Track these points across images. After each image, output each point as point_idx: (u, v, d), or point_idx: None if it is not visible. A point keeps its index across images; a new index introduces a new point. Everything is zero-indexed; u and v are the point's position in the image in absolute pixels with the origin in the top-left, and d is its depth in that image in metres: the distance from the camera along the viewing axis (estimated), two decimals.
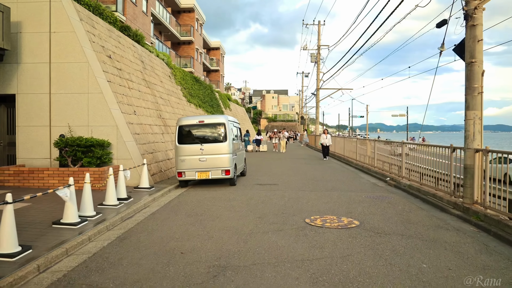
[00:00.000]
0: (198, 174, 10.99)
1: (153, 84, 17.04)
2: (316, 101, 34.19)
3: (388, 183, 11.85)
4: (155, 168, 12.67)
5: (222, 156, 10.97)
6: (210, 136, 11.30)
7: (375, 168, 14.23)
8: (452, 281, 4.23)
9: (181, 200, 9.26)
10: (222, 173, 10.95)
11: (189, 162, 10.99)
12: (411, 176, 10.91)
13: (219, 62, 55.08)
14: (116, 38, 14.44)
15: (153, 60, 19.04)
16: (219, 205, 8.51)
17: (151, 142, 13.43)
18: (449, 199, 8.20)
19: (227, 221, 7.03)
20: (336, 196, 9.53)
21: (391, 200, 8.98)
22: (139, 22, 23.07)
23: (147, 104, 14.98)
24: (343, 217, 7.18)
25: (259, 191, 10.30)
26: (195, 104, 24.81)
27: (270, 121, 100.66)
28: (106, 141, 10.71)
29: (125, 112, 12.11)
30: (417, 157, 10.68)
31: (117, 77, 12.81)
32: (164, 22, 31.95)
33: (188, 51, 38.59)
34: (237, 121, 13.68)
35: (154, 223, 7.05)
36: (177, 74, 22.84)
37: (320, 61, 33.91)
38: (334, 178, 13.16)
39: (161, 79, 19.08)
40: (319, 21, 33.57)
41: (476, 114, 7.43)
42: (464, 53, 7.84)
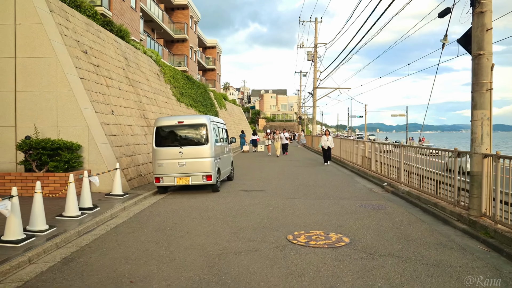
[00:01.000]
0: (177, 179, 10.04)
1: (137, 82, 16.09)
2: (313, 100, 33.25)
3: (385, 189, 10.90)
4: (134, 172, 11.71)
5: (203, 160, 10.03)
6: (190, 138, 10.36)
7: (372, 172, 13.28)
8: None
9: (154, 210, 8.31)
10: (203, 179, 10.00)
11: (167, 166, 10.04)
12: (410, 182, 9.96)
13: (216, 61, 54.14)
14: (95, 32, 13.49)
15: (139, 57, 18.09)
16: (194, 216, 7.57)
17: (131, 144, 12.48)
18: (452, 210, 7.26)
19: (197, 237, 6.09)
20: (327, 205, 8.58)
21: (388, 210, 8.03)
22: (126, 17, 22.13)
23: (129, 103, 14.03)
24: (331, 233, 6.23)
25: (242, 199, 9.36)
26: (186, 103, 23.87)
27: (269, 121, 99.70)
28: (75, 143, 9.75)
29: (100, 112, 11.16)
30: (417, 158, 9.74)
31: (93, 74, 11.86)
32: (156, 19, 31.00)
33: (182, 49, 37.64)
34: (223, 122, 12.73)
35: (114, 239, 6.10)
36: (167, 72, 21.89)
37: (317, 60, 32.97)
38: (328, 183, 12.21)
39: (148, 77, 18.13)
40: (316, 18, 32.64)
41: (485, 113, 6.49)
42: (470, 45, 6.90)
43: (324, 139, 18.87)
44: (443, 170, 8.07)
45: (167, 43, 37.39)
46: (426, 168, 9.10)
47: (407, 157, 10.56)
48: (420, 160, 9.47)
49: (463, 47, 7.27)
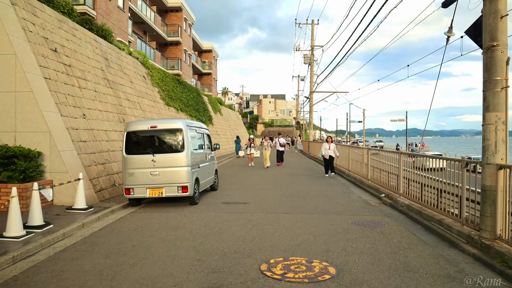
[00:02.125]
0: (149, 191, 8.95)
1: (118, 84, 15.05)
2: (310, 104, 32.23)
3: (382, 201, 9.82)
4: (106, 182, 10.63)
5: (179, 170, 8.95)
6: (164, 145, 9.29)
7: (369, 181, 12.20)
8: None
9: (116, 228, 7.22)
10: (178, 190, 8.92)
11: (139, 176, 8.97)
12: (410, 192, 8.86)
13: (212, 65, 53.24)
14: (69, 30, 12.47)
15: (123, 58, 17.07)
16: (158, 236, 6.48)
17: (104, 151, 11.41)
18: (460, 229, 6.18)
19: (152, 266, 5.01)
20: (315, 221, 7.49)
21: (385, 229, 6.95)
22: (113, 18, 21.15)
23: (106, 106, 12.98)
24: (315, 261, 5.14)
25: (220, 214, 8.27)
26: (176, 107, 22.83)
27: (267, 126, 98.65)
28: (34, 150, 8.69)
29: (67, 116, 10.11)
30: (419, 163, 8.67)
31: (62, 74, 10.82)
32: (148, 21, 30.04)
33: (176, 53, 36.66)
34: (205, 127, 11.64)
35: (51, 268, 5.02)
36: (154, 74, 20.87)
37: (314, 63, 31.98)
38: (320, 193, 11.12)
39: (132, 79, 17.10)
40: (312, 20, 31.71)
41: (499, 116, 5.44)
42: (480, 36, 5.87)
43: (325, 147, 15.80)
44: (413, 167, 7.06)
45: (160, 46, 36.44)
46: (427, 176, 8.04)
47: (407, 163, 9.49)
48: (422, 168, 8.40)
49: (472, 38, 6.24)
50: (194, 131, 9.90)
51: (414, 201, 8.51)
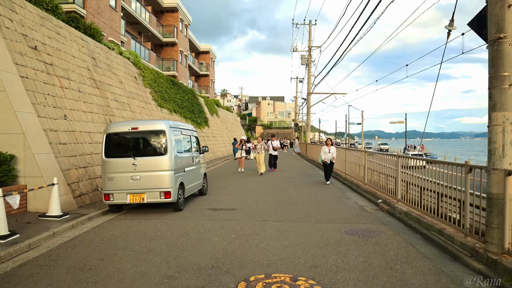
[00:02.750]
0: (130, 196, 8.37)
1: (106, 84, 14.49)
2: (307, 106, 31.69)
3: (379, 207, 9.25)
4: (87, 187, 10.05)
5: (161, 174, 8.37)
6: (146, 147, 8.72)
7: (366, 185, 11.63)
8: None
9: (88, 238, 6.64)
10: (160, 196, 8.34)
11: (119, 181, 8.39)
12: (409, 198, 8.28)
13: (209, 66, 52.72)
14: (52, 28, 11.92)
15: (113, 58, 16.52)
16: (131, 248, 5.90)
17: (87, 154, 10.84)
18: (463, 241, 5.61)
19: (116, 284, 4.43)
20: (305, 231, 6.91)
21: (381, 239, 6.37)
22: (104, 17, 20.61)
23: (91, 107, 12.41)
24: (300, 279, 4.57)
25: (204, 222, 7.69)
26: (169, 109, 22.27)
27: (266, 128, 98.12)
28: (6, 153, 8.12)
29: (46, 117, 9.54)
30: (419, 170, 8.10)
31: (42, 73, 10.26)
32: (142, 22, 29.52)
33: (172, 54, 36.14)
34: (192, 129, 11.05)
35: (3, 287, 4.45)
36: (147, 75, 20.33)
37: (311, 64, 31.46)
38: (314, 199, 10.55)
39: (122, 80, 16.55)
40: (310, 21, 31.21)
41: (507, 116, 4.87)
42: (485, 28, 5.32)
43: (324, 151, 13.96)
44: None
45: (156, 47, 35.92)
46: (427, 178, 7.48)
47: (406, 168, 8.91)
48: (421, 172, 7.84)
49: (475, 31, 5.68)
50: (179, 132, 9.32)
51: (413, 208, 7.94)
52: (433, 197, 7.17)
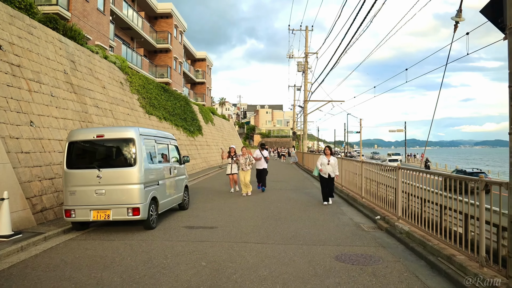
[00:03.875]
0: (94, 213, 7.36)
1: (85, 89, 13.55)
2: (304, 114, 30.78)
3: (378, 225, 8.24)
4: (51, 201, 9.03)
5: (129, 188, 7.37)
6: (112, 157, 7.74)
7: (363, 199, 10.62)
8: None
9: (31, 265, 5.61)
10: (128, 213, 7.33)
11: (81, 195, 7.39)
12: (411, 214, 7.26)
13: (205, 74, 51.95)
14: (24, 27, 11.01)
15: (96, 62, 15.61)
16: (78, 279, 4.88)
17: (56, 164, 9.84)
18: (478, 273, 4.60)
19: None
20: (290, 256, 5.89)
21: (379, 269, 5.35)
22: (91, 20, 19.75)
23: (65, 113, 11.45)
24: None
25: (175, 244, 6.68)
26: (159, 116, 21.32)
27: (264, 136, 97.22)
28: None
29: (5, 122, 8.56)
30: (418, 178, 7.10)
31: (6, 75, 9.31)
32: (135, 27, 28.73)
33: (166, 60, 35.32)
34: (171, 137, 10.05)
35: None
36: (135, 80, 19.42)
37: (307, 70, 30.62)
38: (305, 214, 9.54)
39: (105, 85, 15.62)
40: (306, 27, 30.44)
41: None
42: (501, 15, 4.39)
43: (322, 162, 11.01)
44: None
45: (150, 53, 35.12)
46: (429, 189, 6.50)
47: (407, 179, 7.92)
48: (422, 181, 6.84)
49: (489, 19, 4.75)
50: (152, 141, 8.33)
51: (416, 227, 6.93)
52: (439, 212, 6.18)
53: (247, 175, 13.07)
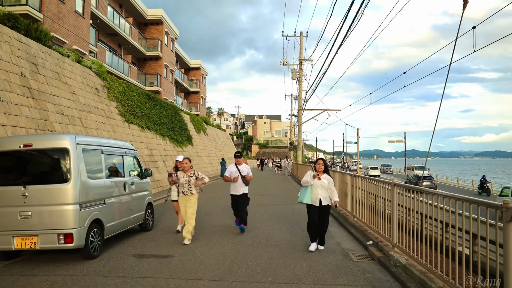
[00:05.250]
0: (18, 240, 5.96)
1: (48, 94, 12.24)
2: (298, 123, 29.49)
3: (369, 253, 6.83)
4: None
5: (61, 209, 5.97)
6: (41, 171, 6.37)
7: (355, 218, 9.22)
8: None
9: None
10: (59, 240, 5.92)
11: (2, 218, 6.00)
12: (409, 243, 5.85)
13: (200, 83, 50.86)
14: None
15: (65, 66, 14.33)
16: None
17: None
18: None
19: None
20: None
21: None
22: (68, 23, 18.53)
23: (17, 120, 10.12)
24: None
25: (108, 282, 5.24)
26: (140, 125, 19.96)
27: (262, 147, 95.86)
28: None
29: None
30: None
31: None
32: (121, 33, 27.59)
33: (156, 68, 34.15)
34: (128, 147, 8.54)
35: None
36: (114, 87, 18.13)
37: (302, 78, 29.41)
38: (284, 238, 8.12)
39: (75, 91, 14.31)
40: (300, 33, 29.30)
41: None
42: None
43: (309, 178, 7.14)
44: None
45: (139, 61, 33.96)
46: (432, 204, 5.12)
47: (404, 199, 6.53)
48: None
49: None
50: (97, 152, 6.94)
51: (415, 260, 5.51)
52: (441, 235, 4.80)
53: (189, 204, 7.66)
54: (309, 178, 7.10)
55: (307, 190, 7.12)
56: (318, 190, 7.03)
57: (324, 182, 7.08)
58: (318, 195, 7.02)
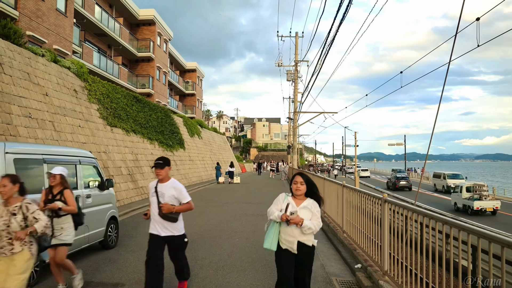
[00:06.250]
0: None
1: (13, 96, 11.28)
2: (294, 126, 28.50)
3: (357, 279, 5.83)
4: None
5: None
6: None
7: (344, 234, 8.22)
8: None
9: None
10: None
11: None
12: (402, 269, 4.86)
13: (196, 85, 49.95)
14: None
15: (39, 65, 13.39)
16: None
17: None
18: None
19: None
20: None
21: None
22: (48, 22, 17.60)
23: None
24: None
25: None
26: (125, 129, 18.99)
27: (261, 150, 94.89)
28: None
29: None
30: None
31: None
32: (110, 33, 26.68)
33: (148, 70, 33.22)
34: (79, 154, 7.26)
35: None
36: (95, 88, 17.18)
37: (298, 80, 28.48)
38: (261, 257, 7.12)
39: (48, 92, 13.34)
40: (296, 33, 28.37)
41: None
42: None
43: (275, 211, 4.17)
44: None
45: (131, 62, 33.06)
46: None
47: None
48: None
49: None
50: (37, 162, 5.93)
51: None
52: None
53: (12, 271, 3.95)
54: (277, 213, 4.10)
55: (273, 228, 4.15)
56: (293, 230, 4.05)
57: (305, 212, 4.06)
58: (294, 238, 4.05)
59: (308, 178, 4.27)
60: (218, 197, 18.80)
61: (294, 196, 4.21)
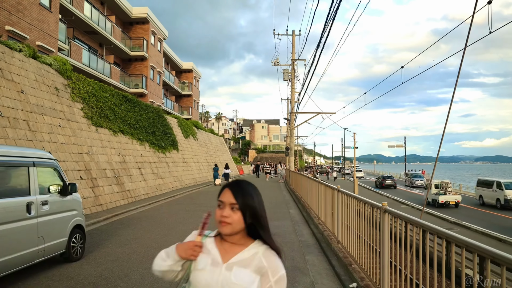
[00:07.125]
0: None
1: None
2: (290, 127, 27.62)
3: None
4: None
5: None
6: None
7: (339, 244, 7.32)
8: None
9: None
10: None
11: None
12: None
13: (192, 86, 49.10)
14: None
15: (14, 61, 12.51)
16: None
17: None
18: None
19: None
20: None
21: None
22: (30, 17, 16.74)
23: None
24: None
25: None
26: (112, 129, 18.10)
27: (259, 152, 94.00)
28: None
29: None
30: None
31: None
32: (101, 31, 25.84)
33: (141, 69, 32.37)
34: (33, 155, 6.17)
35: None
36: (81, 87, 16.30)
37: (294, 79, 27.60)
38: None
39: (24, 89, 12.47)
40: (293, 31, 27.52)
41: None
42: None
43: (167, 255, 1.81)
44: None
45: (124, 61, 32.21)
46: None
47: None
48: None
49: None
50: None
51: None
52: None
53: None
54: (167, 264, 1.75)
55: None
56: None
57: (243, 279, 1.63)
58: None
59: (252, 196, 1.76)
60: (210, 201, 17.90)
61: (221, 236, 1.78)
